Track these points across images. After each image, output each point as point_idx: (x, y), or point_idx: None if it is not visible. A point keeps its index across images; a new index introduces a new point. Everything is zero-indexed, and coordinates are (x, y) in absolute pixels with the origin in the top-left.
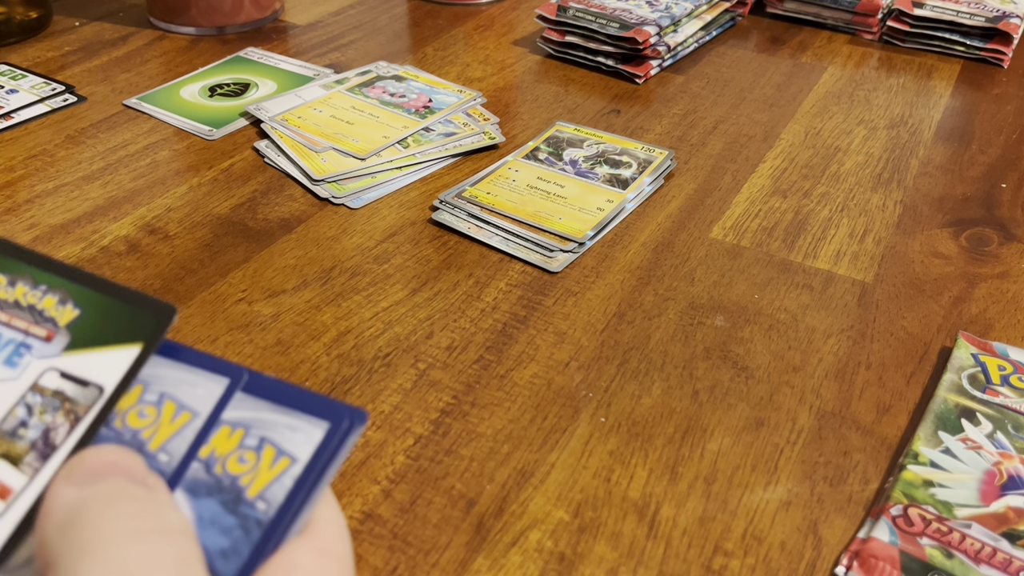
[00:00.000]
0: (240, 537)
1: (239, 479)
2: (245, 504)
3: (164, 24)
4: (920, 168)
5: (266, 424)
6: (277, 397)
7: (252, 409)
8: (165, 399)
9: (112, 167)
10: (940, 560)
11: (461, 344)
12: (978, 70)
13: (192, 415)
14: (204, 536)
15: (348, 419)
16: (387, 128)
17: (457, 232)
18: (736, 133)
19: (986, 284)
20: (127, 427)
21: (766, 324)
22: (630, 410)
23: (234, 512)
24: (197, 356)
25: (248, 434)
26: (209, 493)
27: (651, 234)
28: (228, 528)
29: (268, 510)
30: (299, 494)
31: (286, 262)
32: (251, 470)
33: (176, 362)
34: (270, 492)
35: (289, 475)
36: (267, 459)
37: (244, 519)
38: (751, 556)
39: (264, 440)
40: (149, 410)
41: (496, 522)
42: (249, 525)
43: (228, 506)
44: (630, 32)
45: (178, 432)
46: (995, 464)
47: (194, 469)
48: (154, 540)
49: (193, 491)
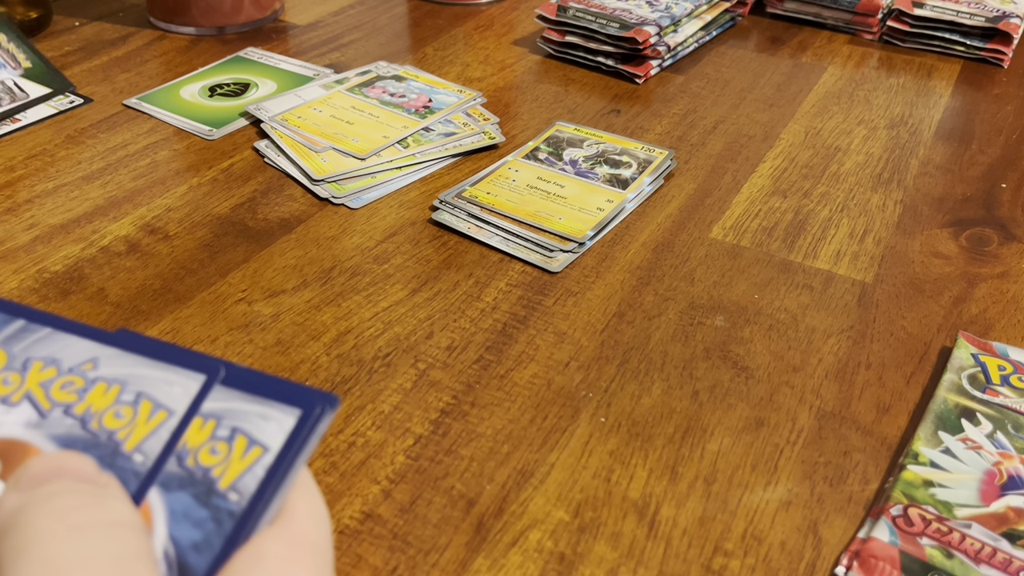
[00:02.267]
0: (212, 529)
1: (211, 471)
2: (217, 496)
3: (164, 24)
4: (920, 168)
5: (238, 414)
6: (249, 386)
7: (224, 400)
8: (142, 399)
9: (112, 167)
10: (940, 560)
11: (461, 344)
12: (978, 70)
13: (168, 414)
14: (176, 530)
15: (320, 405)
16: (387, 128)
17: (457, 232)
18: (736, 133)
19: (986, 284)
20: (103, 428)
21: (766, 324)
22: (630, 410)
23: (206, 504)
24: (175, 352)
25: (220, 425)
26: (181, 486)
27: (651, 234)
28: (200, 521)
29: (240, 501)
30: (271, 483)
31: (286, 262)
32: (223, 461)
33: (154, 360)
34: (242, 483)
35: (261, 465)
36: (239, 449)
37: (216, 511)
38: (751, 556)
39: (236, 430)
40: (125, 410)
41: (496, 522)
42: (222, 517)
43: (200, 499)
44: (630, 32)
45: (153, 432)
46: (995, 464)
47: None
48: (92, 535)
49: (165, 485)
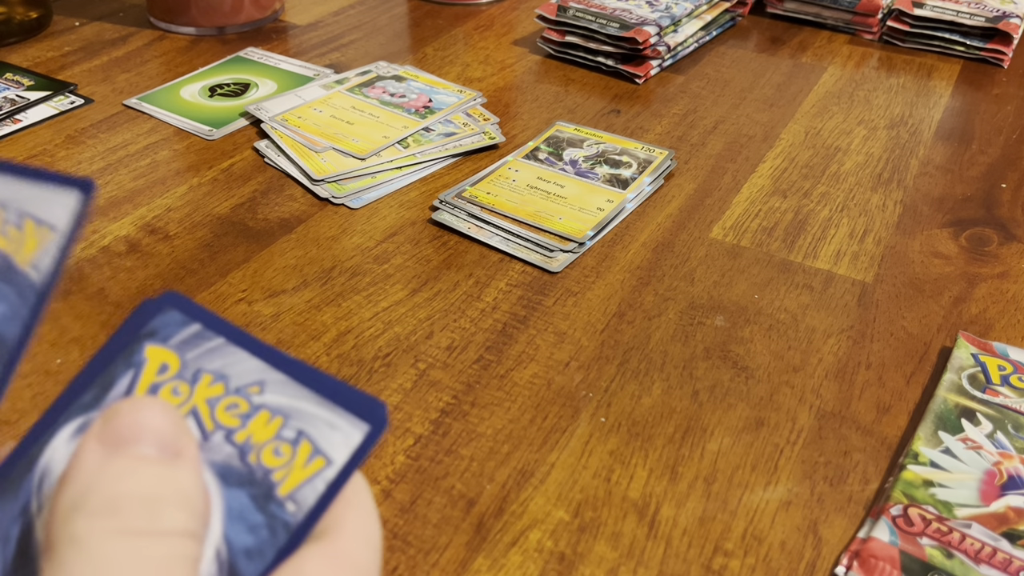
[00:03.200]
0: (266, 538)
1: (272, 473)
2: (275, 503)
3: (164, 24)
4: (920, 168)
5: (306, 416)
6: (319, 387)
7: (293, 397)
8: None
9: (112, 167)
10: (940, 560)
11: (461, 344)
12: (978, 70)
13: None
14: (231, 531)
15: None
16: (387, 128)
17: (457, 232)
18: (736, 133)
19: (986, 284)
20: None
21: (766, 324)
22: (630, 410)
23: (263, 510)
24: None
25: (286, 425)
26: (240, 484)
27: (651, 234)
28: (255, 526)
29: (297, 513)
30: (329, 500)
31: (286, 262)
32: (285, 465)
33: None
34: (301, 494)
35: (322, 478)
36: (302, 456)
37: (272, 519)
38: (751, 556)
39: (302, 434)
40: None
41: (496, 522)
42: (276, 526)
43: (258, 502)
44: (630, 32)
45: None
46: (995, 464)
47: (228, 454)
48: (141, 543)
49: (225, 478)
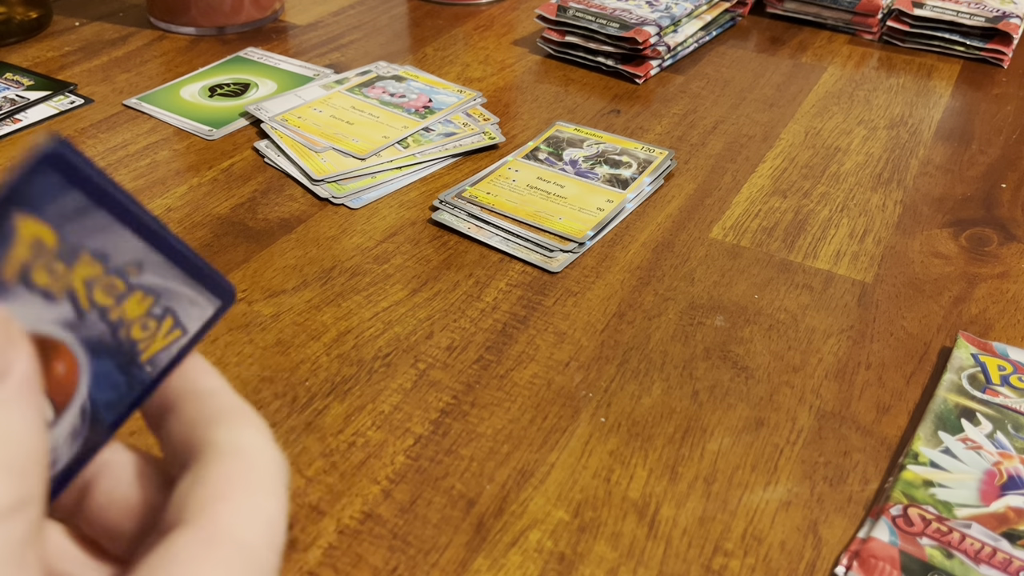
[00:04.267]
0: (125, 393)
1: (137, 344)
2: (136, 366)
3: (164, 24)
4: (920, 168)
5: (174, 295)
6: (188, 266)
7: (166, 277)
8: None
9: (112, 167)
10: (940, 560)
11: (461, 344)
12: (978, 70)
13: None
14: (96, 391)
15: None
16: (387, 128)
17: (457, 232)
18: (736, 133)
19: (986, 284)
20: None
21: (766, 324)
22: (630, 410)
23: (126, 372)
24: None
25: (156, 304)
26: (109, 354)
27: (651, 234)
28: (116, 385)
29: (152, 373)
30: (178, 361)
31: (286, 262)
32: (148, 337)
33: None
34: (159, 358)
35: (177, 345)
36: (164, 328)
37: (132, 378)
38: (751, 556)
39: (168, 311)
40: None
41: (496, 522)
42: (134, 383)
43: (122, 367)
44: (630, 32)
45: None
46: (995, 464)
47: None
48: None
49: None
